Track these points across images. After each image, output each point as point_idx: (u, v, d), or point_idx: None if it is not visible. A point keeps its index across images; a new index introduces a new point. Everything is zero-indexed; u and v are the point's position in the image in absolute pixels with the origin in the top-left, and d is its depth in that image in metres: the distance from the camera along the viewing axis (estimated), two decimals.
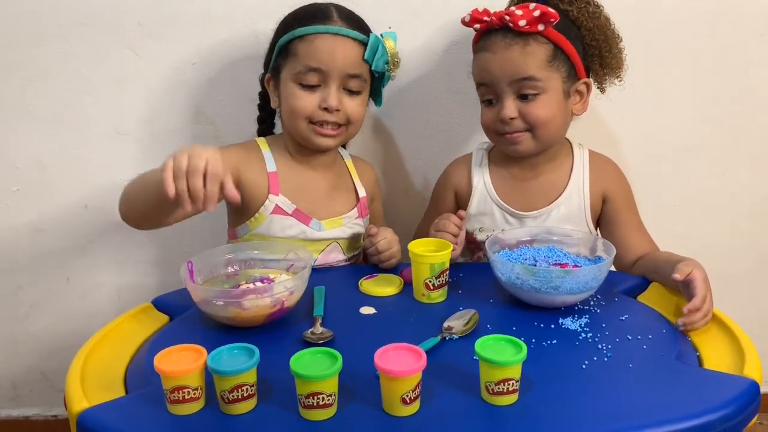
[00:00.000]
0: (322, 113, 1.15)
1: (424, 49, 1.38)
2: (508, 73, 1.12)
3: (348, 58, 1.13)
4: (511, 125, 1.15)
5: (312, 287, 1.07)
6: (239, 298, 0.93)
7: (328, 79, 1.13)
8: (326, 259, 1.22)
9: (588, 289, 0.99)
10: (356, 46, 1.14)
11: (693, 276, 0.98)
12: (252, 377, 0.77)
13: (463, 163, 1.29)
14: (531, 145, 1.17)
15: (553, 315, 0.99)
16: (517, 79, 1.12)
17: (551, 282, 0.96)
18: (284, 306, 0.96)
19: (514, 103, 1.14)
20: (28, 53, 1.33)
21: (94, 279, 1.50)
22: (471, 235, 1.25)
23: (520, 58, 1.11)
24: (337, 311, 1.02)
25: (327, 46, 1.12)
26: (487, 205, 1.24)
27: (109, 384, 0.87)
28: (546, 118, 1.14)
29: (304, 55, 1.13)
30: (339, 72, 1.13)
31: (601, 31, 1.17)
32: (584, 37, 1.17)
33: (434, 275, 1.03)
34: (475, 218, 1.25)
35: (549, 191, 1.22)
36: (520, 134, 1.16)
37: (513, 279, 0.99)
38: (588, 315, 0.99)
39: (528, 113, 1.14)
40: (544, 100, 1.13)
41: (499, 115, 1.15)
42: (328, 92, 1.14)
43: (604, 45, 1.18)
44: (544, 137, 1.16)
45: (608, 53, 1.18)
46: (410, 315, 1.01)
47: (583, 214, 1.21)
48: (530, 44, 1.11)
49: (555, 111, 1.15)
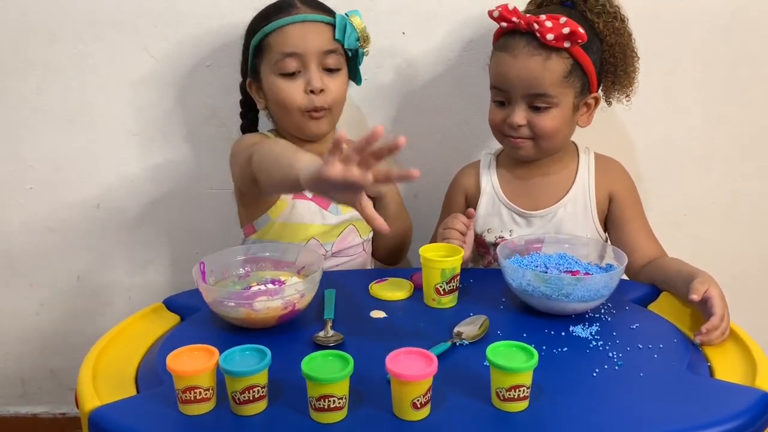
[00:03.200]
0: (310, 99, 1.17)
1: (436, 53, 1.38)
2: (524, 84, 1.13)
3: (320, 39, 1.16)
4: (517, 131, 1.17)
5: (323, 290, 1.07)
6: (251, 300, 0.94)
7: (307, 60, 1.16)
8: (344, 244, 1.25)
9: (599, 297, 0.99)
10: (325, 27, 1.17)
11: (710, 294, 0.97)
12: (263, 379, 0.78)
13: (471, 168, 1.31)
14: (532, 152, 1.19)
15: (563, 322, 0.99)
16: (532, 93, 1.13)
17: (562, 289, 0.96)
18: (295, 308, 0.96)
19: (524, 112, 1.15)
20: (44, 53, 1.34)
21: (105, 278, 1.51)
22: (480, 237, 1.26)
23: (538, 72, 1.12)
24: (347, 314, 1.02)
25: (298, 31, 1.15)
26: (495, 205, 1.25)
27: (121, 383, 0.87)
28: (552, 131, 1.16)
29: (278, 45, 1.16)
30: (315, 52, 1.16)
31: (621, 49, 1.18)
32: (604, 51, 1.18)
33: (445, 280, 1.03)
34: (484, 219, 1.26)
35: (555, 191, 1.23)
36: (524, 141, 1.18)
37: (524, 286, 0.99)
38: (599, 323, 0.99)
39: (536, 124, 1.15)
40: (554, 114, 1.15)
41: (507, 119, 1.16)
42: (310, 75, 1.16)
43: (621, 63, 1.19)
44: (546, 147, 1.19)
45: (623, 72, 1.19)
46: (420, 319, 1.01)
47: (589, 213, 1.22)
48: (552, 59, 1.11)
49: (562, 124, 1.17)
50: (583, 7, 1.17)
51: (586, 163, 1.25)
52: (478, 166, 1.29)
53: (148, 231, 1.48)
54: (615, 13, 1.17)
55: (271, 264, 1.10)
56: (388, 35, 1.24)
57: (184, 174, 1.44)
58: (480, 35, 1.35)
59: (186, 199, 1.45)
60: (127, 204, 1.45)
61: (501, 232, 1.24)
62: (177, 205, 1.46)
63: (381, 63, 1.37)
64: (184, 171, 1.44)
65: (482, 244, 1.27)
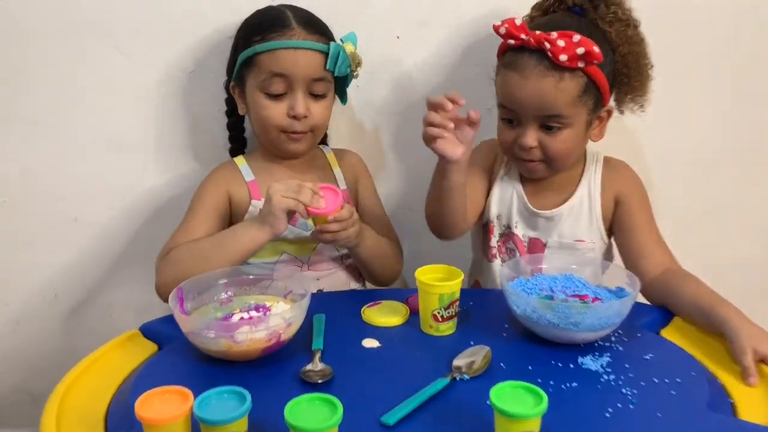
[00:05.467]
0: (291, 122, 1.15)
1: (433, 60, 1.32)
2: (536, 106, 1.06)
3: (311, 66, 1.13)
4: (528, 153, 1.10)
5: (311, 315, 0.99)
6: (232, 331, 0.86)
7: (294, 84, 1.13)
8: (320, 257, 1.21)
9: (610, 326, 0.91)
10: (318, 55, 1.14)
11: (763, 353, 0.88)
12: (243, 426, 0.70)
13: (495, 146, 1.22)
14: (544, 173, 1.15)
15: (571, 352, 0.91)
16: (544, 115, 1.07)
17: (571, 317, 0.89)
18: (280, 339, 0.89)
19: (535, 132, 1.09)
20: (15, 59, 1.26)
21: (85, 296, 1.43)
22: (489, 224, 1.21)
23: (551, 94, 1.04)
24: (337, 344, 0.95)
25: (289, 57, 1.12)
26: (507, 194, 1.20)
27: (89, 424, 0.80)
28: (565, 153, 1.10)
29: (267, 65, 1.13)
30: (303, 78, 1.13)
31: (635, 58, 1.11)
32: (617, 62, 1.10)
33: (443, 306, 0.95)
34: (495, 202, 1.20)
35: (561, 192, 1.18)
36: (537, 164, 1.12)
37: (528, 312, 0.92)
38: (609, 353, 0.91)
39: (548, 146, 1.09)
40: (567, 134, 1.08)
41: (517, 141, 1.10)
42: (295, 100, 1.14)
43: (635, 74, 1.11)
44: (558, 167, 1.13)
45: (637, 82, 1.12)
46: (416, 349, 0.94)
47: (595, 216, 1.17)
48: (565, 79, 1.04)
49: (575, 145, 1.11)
50: (594, 14, 1.09)
51: (593, 165, 1.19)
52: (497, 148, 1.22)
53: (130, 245, 1.40)
54: (627, 19, 1.10)
55: (257, 288, 1.02)
56: (383, 40, 1.17)
57: (167, 185, 1.37)
58: (479, 40, 1.28)
59: (169, 211, 1.37)
60: (106, 217, 1.38)
61: (509, 222, 1.19)
62: (160, 218, 1.38)
63: (374, 70, 1.30)
64: (167, 182, 1.37)
65: (490, 231, 1.21)
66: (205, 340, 0.87)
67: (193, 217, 1.17)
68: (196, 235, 1.13)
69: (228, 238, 1.09)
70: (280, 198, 1.01)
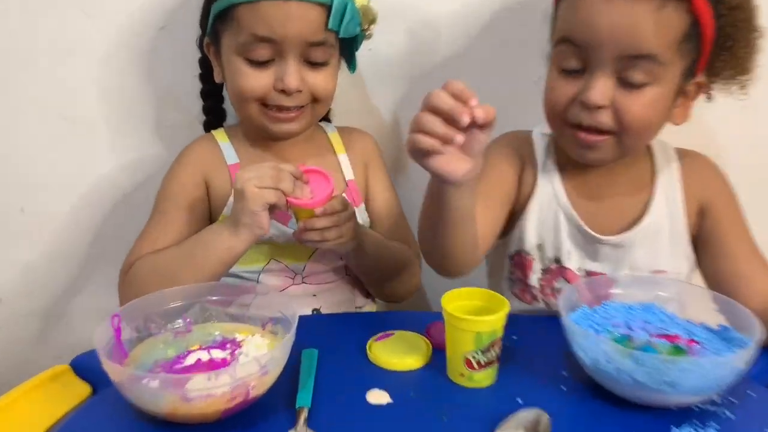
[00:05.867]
0: (278, 96, 0.90)
1: (463, 11, 1.07)
2: (622, 40, 0.76)
3: (307, 25, 0.88)
4: (593, 116, 0.79)
5: (299, 348, 0.74)
6: (180, 386, 0.60)
7: (284, 51, 0.89)
8: (318, 267, 0.97)
9: (720, 387, 0.65)
10: (317, 10, 0.88)
11: None
12: None
13: (527, 144, 0.94)
14: (609, 154, 0.83)
15: (662, 418, 0.65)
16: (632, 55, 0.76)
17: (665, 375, 0.62)
18: (249, 397, 0.63)
19: (610, 85, 0.78)
20: None
21: (34, 302, 1.22)
22: (526, 256, 0.91)
23: (647, 24, 0.75)
24: (332, 396, 0.70)
25: (277, 12, 0.86)
26: (551, 211, 0.90)
27: None
28: (646, 122, 0.80)
29: (248, 22, 0.88)
30: (296, 41, 0.88)
31: (746, 16, 0.81)
32: (723, 16, 0.80)
33: (481, 349, 0.69)
34: (534, 228, 0.91)
35: (628, 203, 0.90)
36: (602, 138, 0.81)
37: (602, 364, 0.65)
38: (716, 422, 0.65)
39: (625, 109, 0.78)
40: (653, 96, 0.78)
41: (581, 96, 0.80)
42: (285, 69, 0.89)
43: (743, 38, 0.82)
44: (629, 145, 0.83)
45: (743, 50, 0.82)
46: (443, 409, 0.68)
47: (679, 235, 0.89)
48: (667, 8, 0.75)
49: (658, 114, 0.81)
50: None
51: (666, 161, 0.90)
52: (532, 146, 0.93)
53: (87, 241, 1.20)
54: None
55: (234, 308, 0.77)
56: None
57: (133, 170, 1.16)
58: None
59: (134, 201, 1.16)
60: (59, 207, 1.18)
61: (557, 253, 0.90)
62: (124, 209, 1.18)
63: (388, 28, 1.05)
64: (133, 166, 1.16)
65: (526, 266, 0.92)
66: (145, 393, 0.61)
67: (162, 218, 0.93)
68: (165, 241, 0.89)
69: (199, 247, 0.84)
70: (255, 190, 0.77)
